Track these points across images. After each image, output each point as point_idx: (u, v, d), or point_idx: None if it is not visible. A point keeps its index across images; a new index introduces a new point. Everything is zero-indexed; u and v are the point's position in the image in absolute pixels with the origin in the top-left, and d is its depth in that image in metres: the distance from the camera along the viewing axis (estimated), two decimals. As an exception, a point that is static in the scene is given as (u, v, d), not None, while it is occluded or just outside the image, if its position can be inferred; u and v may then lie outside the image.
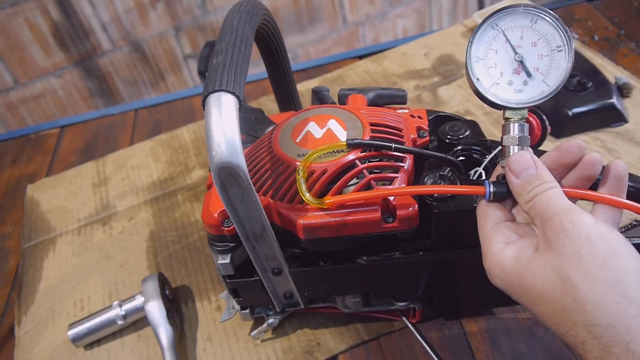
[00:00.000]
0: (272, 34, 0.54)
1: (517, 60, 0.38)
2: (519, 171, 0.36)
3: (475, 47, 0.39)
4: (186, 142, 0.87)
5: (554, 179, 0.35)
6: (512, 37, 0.38)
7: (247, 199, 0.39)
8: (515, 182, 0.36)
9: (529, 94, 0.38)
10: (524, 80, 0.38)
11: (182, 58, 1.48)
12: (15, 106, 1.38)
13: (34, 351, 0.61)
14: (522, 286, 0.33)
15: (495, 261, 0.35)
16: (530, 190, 0.35)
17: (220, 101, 0.35)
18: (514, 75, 0.38)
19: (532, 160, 0.36)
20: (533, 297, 0.33)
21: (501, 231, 0.36)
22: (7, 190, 0.88)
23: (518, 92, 0.38)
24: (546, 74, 0.38)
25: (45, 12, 1.27)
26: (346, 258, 0.46)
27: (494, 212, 0.38)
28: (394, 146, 0.42)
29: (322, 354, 0.54)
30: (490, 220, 0.37)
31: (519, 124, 0.38)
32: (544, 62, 0.38)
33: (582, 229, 0.31)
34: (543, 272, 0.32)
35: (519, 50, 0.38)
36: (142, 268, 0.67)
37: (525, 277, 0.33)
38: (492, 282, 0.36)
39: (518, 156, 0.36)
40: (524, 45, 0.38)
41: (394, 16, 1.65)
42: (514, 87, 0.38)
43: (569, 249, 0.31)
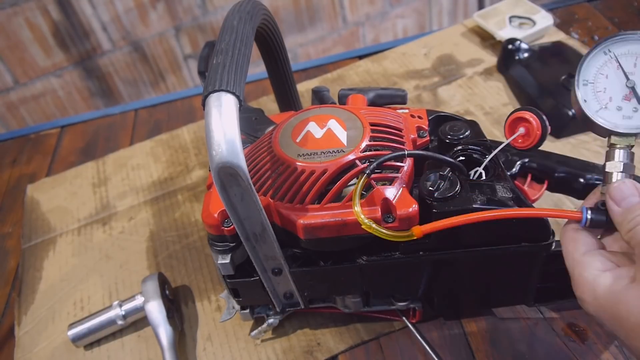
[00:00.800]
0: (272, 34, 0.54)
1: (629, 87, 0.38)
2: (620, 199, 0.35)
3: (584, 71, 0.39)
4: (186, 142, 0.87)
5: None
6: (625, 64, 0.38)
7: (247, 199, 0.39)
8: (616, 210, 0.35)
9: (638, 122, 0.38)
10: (635, 107, 0.38)
11: (182, 58, 1.48)
12: (15, 106, 1.38)
13: (34, 351, 0.61)
14: (616, 317, 0.32)
15: (588, 288, 0.34)
16: (632, 219, 0.33)
17: (220, 101, 0.35)
18: (624, 102, 0.38)
19: (636, 188, 0.35)
20: (627, 329, 0.32)
21: (596, 258, 0.35)
22: (7, 190, 0.88)
23: (627, 119, 0.38)
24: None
25: (45, 12, 1.27)
26: (346, 258, 0.46)
27: (586, 238, 0.37)
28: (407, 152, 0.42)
29: (322, 354, 0.54)
30: (582, 246, 0.36)
31: (625, 151, 0.38)
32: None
33: None
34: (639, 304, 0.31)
35: (632, 77, 0.38)
36: (142, 268, 0.67)
37: (619, 307, 0.32)
38: (584, 309, 0.35)
39: (620, 183, 0.36)
40: (637, 73, 0.38)
41: (394, 16, 1.65)
42: (623, 113, 0.38)
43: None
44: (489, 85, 0.82)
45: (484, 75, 0.84)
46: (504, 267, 0.46)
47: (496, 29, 0.88)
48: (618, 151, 0.38)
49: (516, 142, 0.45)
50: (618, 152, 0.38)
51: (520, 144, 0.44)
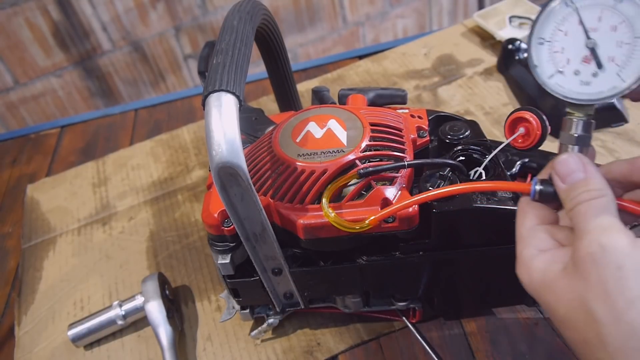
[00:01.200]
0: (272, 34, 0.54)
1: (588, 47, 0.32)
2: (565, 174, 0.32)
3: (540, 26, 0.33)
4: (186, 142, 0.87)
5: (605, 187, 0.31)
6: (587, 18, 0.32)
7: (247, 199, 0.39)
8: (561, 186, 0.32)
9: (597, 88, 0.32)
10: (594, 72, 0.32)
11: (182, 58, 1.48)
12: (15, 106, 1.38)
13: (34, 351, 0.61)
14: (547, 305, 0.31)
15: (524, 269, 0.32)
16: (574, 197, 0.31)
17: (220, 101, 0.35)
18: (582, 65, 0.32)
19: (582, 162, 0.32)
20: (557, 318, 0.30)
21: (538, 235, 0.33)
22: (7, 190, 0.88)
23: (584, 85, 0.33)
24: (623, 66, 0.31)
25: (45, 12, 1.27)
26: (346, 258, 0.46)
27: (535, 211, 0.34)
28: (407, 163, 0.42)
29: (322, 354, 0.54)
30: (528, 220, 0.34)
31: (582, 122, 0.33)
32: (623, 51, 0.31)
33: (613, 256, 0.27)
34: (567, 297, 0.29)
35: (594, 34, 0.32)
36: (142, 268, 0.67)
37: (549, 296, 0.30)
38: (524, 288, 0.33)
39: (567, 157, 0.32)
40: (601, 29, 0.32)
41: (394, 16, 1.65)
42: (581, 78, 0.33)
43: (594, 277, 0.27)
44: (489, 85, 0.82)
45: (484, 75, 0.84)
46: (504, 267, 0.46)
47: (496, 29, 0.88)
48: (574, 121, 0.34)
49: (516, 142, 0.44)
50: (574, 122, 0.34)
51: (520, 144, 0.44)
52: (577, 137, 0.34)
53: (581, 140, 0.34)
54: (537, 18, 0.33)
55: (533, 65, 0.34)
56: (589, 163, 0.32)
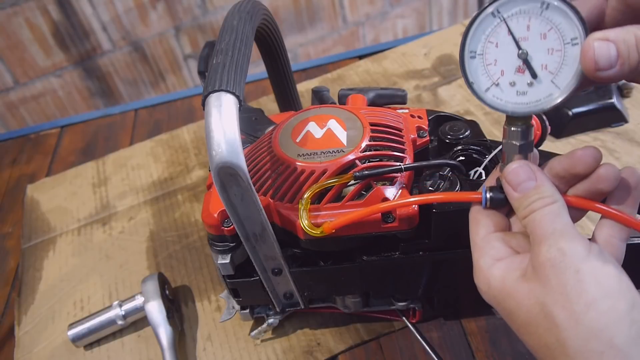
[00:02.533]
0: (272, 34, 0.54)
1: (521, 58, 0.31)
2: (516, 183, 0.32)
3: (470, 39, 0.33)
4: (186, 142, 0.87)
5: (555, 192, 0.31)
6: (515, 28, 0.31)
7: (247, 199, 0.39)
8: (513, 195, 0.32)
9: (534, 97, 0.32)
10: (529, 81, 0.32)
11: (182, 58, 1.48)
12: (15, 106, 1.38)
13: (34, 351, 0.61)
14: (507, 311, 0.31)
15: (482, 277, 0.33)
16: (527, 205, 0.31)
17: (220, 101, 0.35)
18: (517, 75, 0.32)
19: (532, 170, 0.32)
20: (518, 324, 0.31)
21: (492, 244, 0.33)
22: (7, 190, 0.88)
23: (521, 95, 0.32)
24: (556, 73, 0.31)
25: (45, 12, 1.27)
26: (346, 258, 0.46)
27: (487, 220, 0.35)
28: (403, 167, 0.42)
29: (322, 354, 0.54)
30: (482, 229, 0.34)
31: (521, 130, 0.33)
32: (554, 58, 0.31)
33: (571, 260, 0.28)
34: (527, 302, 0.29)
35: (524, 44, 0.31)
36: (142, 268, 0.67)
37: (509, 303, 0.31)
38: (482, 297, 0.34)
39: (516, 166, 0.33)
40: (531, 38, 0.31)
41: (394, 16, 1.65)
42: (517, 89, 0.32)
43: (554, 281, 0.28)
44: (489, 85, 0.82)
45: (484, 75, 0.84)
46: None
47: (496, 29, 0.88)
48: (514, 131, 0.33)
49: (516, 142, 0.44)
50: (514, 132, 0.33)
51: (520, 144, 0.44)
52: (519, 146, 0.34)
53: (524, 148, 0.34)
54: (467, 31, 0.33)
55: (469, 82, 0.33)
56: (538, 170, 0.33)
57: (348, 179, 0.41)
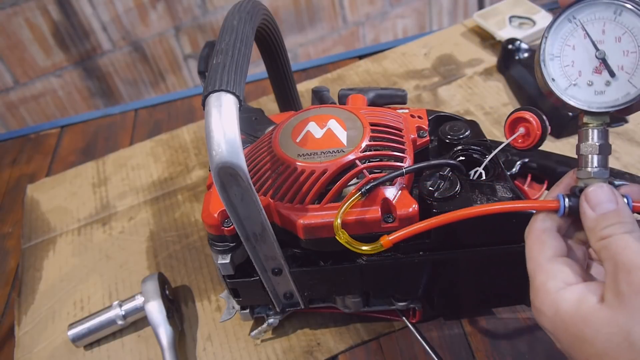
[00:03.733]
0: (272, 34, 0.54)
1: (599, 58, 0.33)
2: (596, 203, 0.31)
3: (549, 43, 0.34)
4: (186, 142, 0.87)
5: (635, 221, 0.31)
6: (592, 32, 0.33)
7: (247, 199, 0.39)
8: (590, 214, 0.31)
9: (612, 96, 0.33)
10: (607, 81, 0.33)
11: (182, 58, 1.48)
12: (15, 106, 1.38)
13: (34, 351, 0.61)
14: (579, 339, 0.29)
15: (550, 301, 0.31)
16: (605, 227, 0.30)
17: (220, 101, 0.35)
18: (594, 75, 0.34)
19: (614, 194, 0.32)
20: (589, 354, 0.29)
21: (561, 267, 0.32)
22: (7, 190, 0.88)
23: (599, 94, 0.34)
24: (632, 74, 0.33)
25: (45, 12, 1.27)
26: (346, 258, 0.46)
27: (553, 241, 0.33)
28: (404, 170, 0.41)
29: (322, 354, 0.54)
30: (548, 250, 0.33)
31: (599, 130, 0.34)
32: (630, 59, 0.33)
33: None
34: (608, 330, 0.28)
35: (601, 46, 0.33)
36: (142, 268, 0.67)
37: (585, 329, 0.29)
38: (538, 321, 0.33)
39: (598, 187, 0.32)
40: (607, 41, 0.33)
41: (394, 16, 1.65)
42: (595, 89, 0.34)
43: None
44: (489, 85, 0.82)
45: (484, 75, 0.84)
46: (504, 267, 0.46)
47: (496, 29, 0.88)
48: (592, 131, 0.34)
49: (516, 142, 0.44)
50: (592, 132, 0.34)
51: (520, 144, 0.44)
52: (599, 146, 0.34)
53: (603, 149, 0.34)
54: (545, 35, 0.35)
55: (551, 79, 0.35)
56: (619, 195, 0.32)
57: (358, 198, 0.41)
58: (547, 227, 0.34)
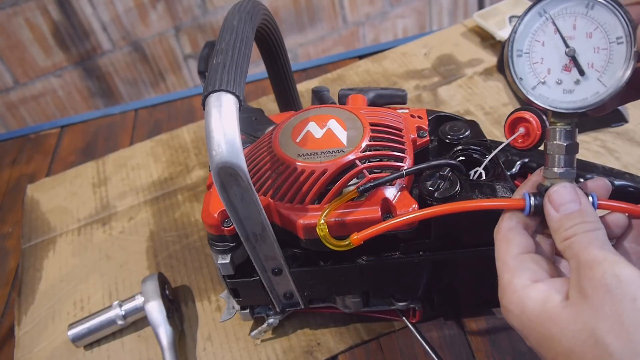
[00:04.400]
0: (272, 34, 0.54)
1: (569, 55, 0.32)
2: (559, 203, 0.32)
3: (518, 38, 0.33)
4: (186, 142, 0.87)
5: (598, 219, 0.31)
6: (563, 27, 0.32)
7: (247, 199, 0.39)
8: (554, 215, 0.32)
9: (581, 95, 0.32)
10: (576, 79, 0.32)
11: (182, 58, 1.48)
12: (15, 106, 1.38)
13: (34, 351, 0.61)
14: (546, 337, 0.29)
15: (516, 299, 0.31)
16: (569, 227, 0.31)
17: (220, 101, 0.35)
18: (563, 73, 0.32)
19: (577, 193, 0.32)
20: (557, 352, 0.29)
21: (526, 264, 0.32)
22: (7, 190, 0.88)
23: (568, 93, 0.32)
24: (602, 72, 0.32)
25: (45, 12, 1.27)
26: (346, 258, 0.46)
27: (519, 239, 0.33)
28: (405, 172, 0.41)
29: (322, 354, 0.54)
30: (514, 248, 0.33)
31: (567, 131, 0.33)
32: (601, 56, 0.32)
33: (628, 288, 0.27)
34: (574, 328, 0.28)
35: (571, 42, 0.32)
36: (142, 268, 0.67)
37: (551, 328, 0.29)
38: (507, 319, 0.33)
39: (561, 187, 0.32)
40: (577, 37, 0.32)
41: (394, 16, 1.66)
42: (563, 87, 0.33)
43: (608, 308, 0.27)
44: (489, 85, 0.82)
45: (484, 75, 0.84)
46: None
47: (496, 29, 0.88)
48: (559, 131, 0.33)
49: (516, 142, 0.44)
50: (560, 132, 0.33)
51: (520, 144, 0.44)
52: (565, 147, 0.33)
53: (570, 149, 0.34)
54: (514, 30, 0.33)
55: (518, 78, 0.33)
56: (583, 195, 0.32)
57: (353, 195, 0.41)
58: (513, 225, 0.34)
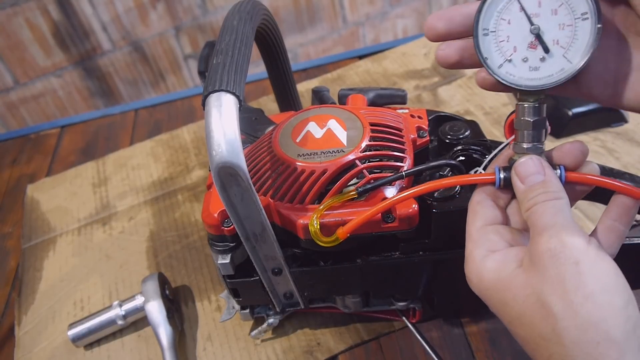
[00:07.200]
0: (272, 34, 0.54)
1: (533, 33, 0.32)
2: (524, 175, 0.33)
3: (483, 17, 0.33)
4: (186, 142, 0.87)
5: (561, 190, 0.32)
6: (527, 4, 0.32)
7: (247, 199, 0.39)
8: (520, 186, 0.33)
9: (547, 72, 0.33)
10: (541, 57, 0.33)
11: (182, 58, 1.48)
12: (15, 106, 1.38)
13: (34, 351, 0.61)
14: (501, 303, 0.31)
15: (475, 268, 0.33)
16: (531, 197, 0.32)
17: (220, 101, 0.35)
18: (529, 51, 0.33)
19: (542, 165, 0.33)
20: (511, 316, 0.30)
21: (488, 236, 0.34)
22: (7, 190, 0.88)
23: (534, 70, 0.33)
24: (567, 48, 0.32)
25: (45, 12, 1.27)
26: (346, 258, 0.46)
27: (485, 211, 0.35)
28: (405, 173, 0.41)
29: (322, 354, 0.54)
30: (478, 220, 0.35)
31: (534, 107, 0.34)
32: (566, 33, 0.32)
33: (571, 252, 0.28)
34: (524, 293, 0.29)
35: (536, 20, 0.32)
36: (142, 268, 0.67)
37: (504, 294, 0.31)
38: (471, 288, 0.34)
39: (527, 159, 0.33)
40: (542, 14, 0.32)
41: (394, 16, 1.65)
42: (529, 65, 0.33)
43: (552, 272, 0.28)
44: (489, 85, 0.82)
45: (484, 75, 0.84)
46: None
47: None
48: (527, 107, 0.34)
49: (516, 142, 0.44)
50: (527, 108, 0.34)
51: (520, 144, 0.44)
52: (532, 122, 0.34)
53: (537, 125, 0.34)
54: (480, 9, 0.33)
55: (483, 57, 0.34)
56: (548, 166, 0.33)
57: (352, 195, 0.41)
58: (482, 199, 0.36)
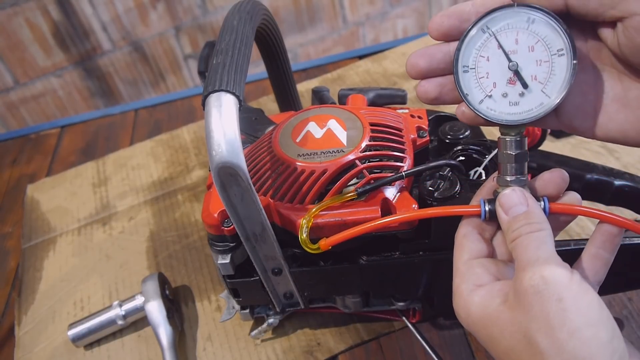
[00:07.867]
0: (272, 34, 0.54)
1: (512, 70, 0.33)
2: (508, 207, 0.33)
3: (462, 54, 0.34)
4: (186, 142, 0.87)
5: (544, 220, 0.32)
6: (505, 42, 0.33)
7: (247, 199, 0.39)
8: (504, 218, 0.34)
9: (526, 107, 0.34)
10: (521, 92, 0.34)
11: (182, 58, 1.48)
12: (15, 106, 1.38)
13: (34, 351, 0.61)
14: (489, 338, 0.31)
15: (462, 303, 0.33)
16: (515, 229, 0.32)
17: (220, 101, 0.35)
18: (508, 86, 0.34)
19: (525, 196, 0.34)
20: (499, 351, 0.31)
21: (474, 270, 0.34)
22: (7, 190, 0.88)
23: (514, 105, 0.34)
24: (545, 83, 0.33)
25: (45, 12, 1.27)
26: (346, 258, 0.46)
27: (471, 244, 0.35)
28: (404, 173, 0.41)
29: (322, 354, 0.54)
30: (465, 253, 0.35)
31: (515, 141, 0.35)
32: (543, 69, 0.33)
33: (554, 288, 0.28)
34: (511, 329, 0.30)
35: (514, 57, 0.33)
36: (142, 268, 0.67)
37: (492, 329, 0.31)
38: (460, 322, 0.34)
39: (510, 191, 0.34)
40: (520, 51, 0.33)
41: (394, 16, 1.65)
42: (509, 100, 0.34)
43: (537, 309, 0.28)
44: (489, 85, 0.82)
45: (484, 75, 0.84)
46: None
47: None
48: (509, 141, 0.35)
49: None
50: (509, 142, 0.35)
51: (520, 144, 0.44)
52: (515, 156, 0.35)
53: (519, 158, 0.35)
54: (459, 47, 0.34)
55: (464, 94, 0.35)
56: (531, 197, 0.34)
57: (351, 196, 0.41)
58: (468, 232, 0.36)
